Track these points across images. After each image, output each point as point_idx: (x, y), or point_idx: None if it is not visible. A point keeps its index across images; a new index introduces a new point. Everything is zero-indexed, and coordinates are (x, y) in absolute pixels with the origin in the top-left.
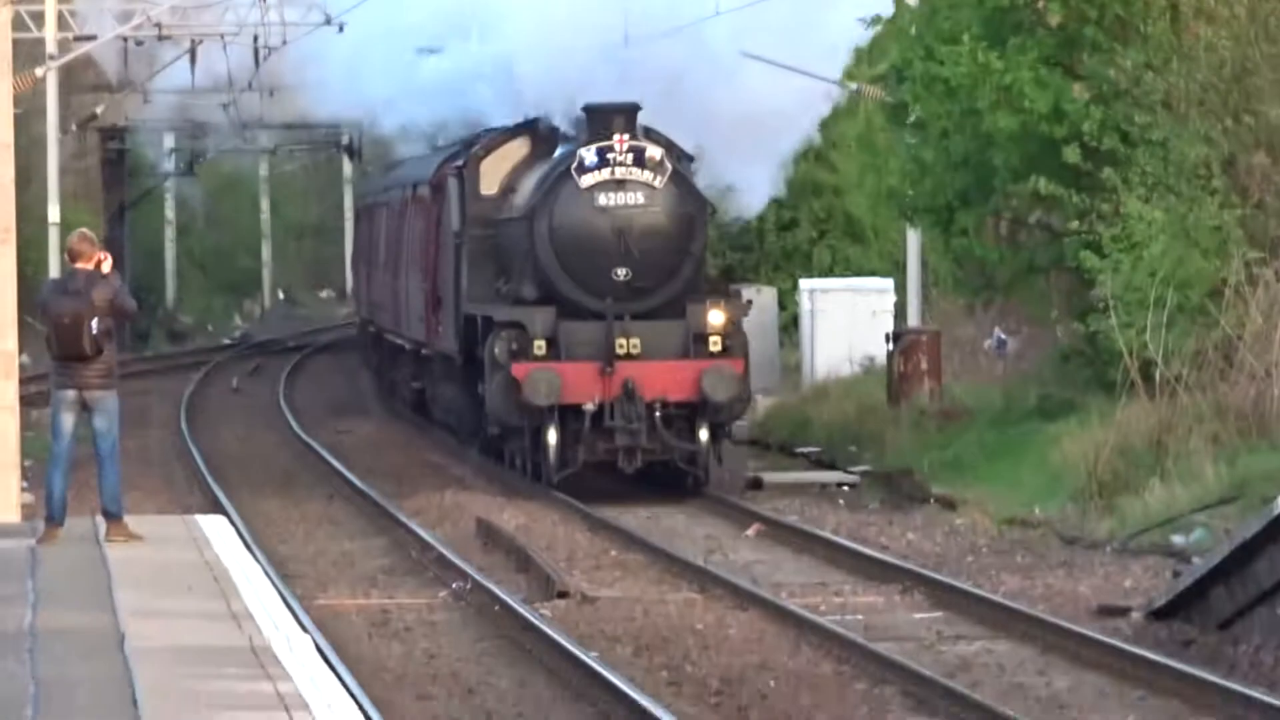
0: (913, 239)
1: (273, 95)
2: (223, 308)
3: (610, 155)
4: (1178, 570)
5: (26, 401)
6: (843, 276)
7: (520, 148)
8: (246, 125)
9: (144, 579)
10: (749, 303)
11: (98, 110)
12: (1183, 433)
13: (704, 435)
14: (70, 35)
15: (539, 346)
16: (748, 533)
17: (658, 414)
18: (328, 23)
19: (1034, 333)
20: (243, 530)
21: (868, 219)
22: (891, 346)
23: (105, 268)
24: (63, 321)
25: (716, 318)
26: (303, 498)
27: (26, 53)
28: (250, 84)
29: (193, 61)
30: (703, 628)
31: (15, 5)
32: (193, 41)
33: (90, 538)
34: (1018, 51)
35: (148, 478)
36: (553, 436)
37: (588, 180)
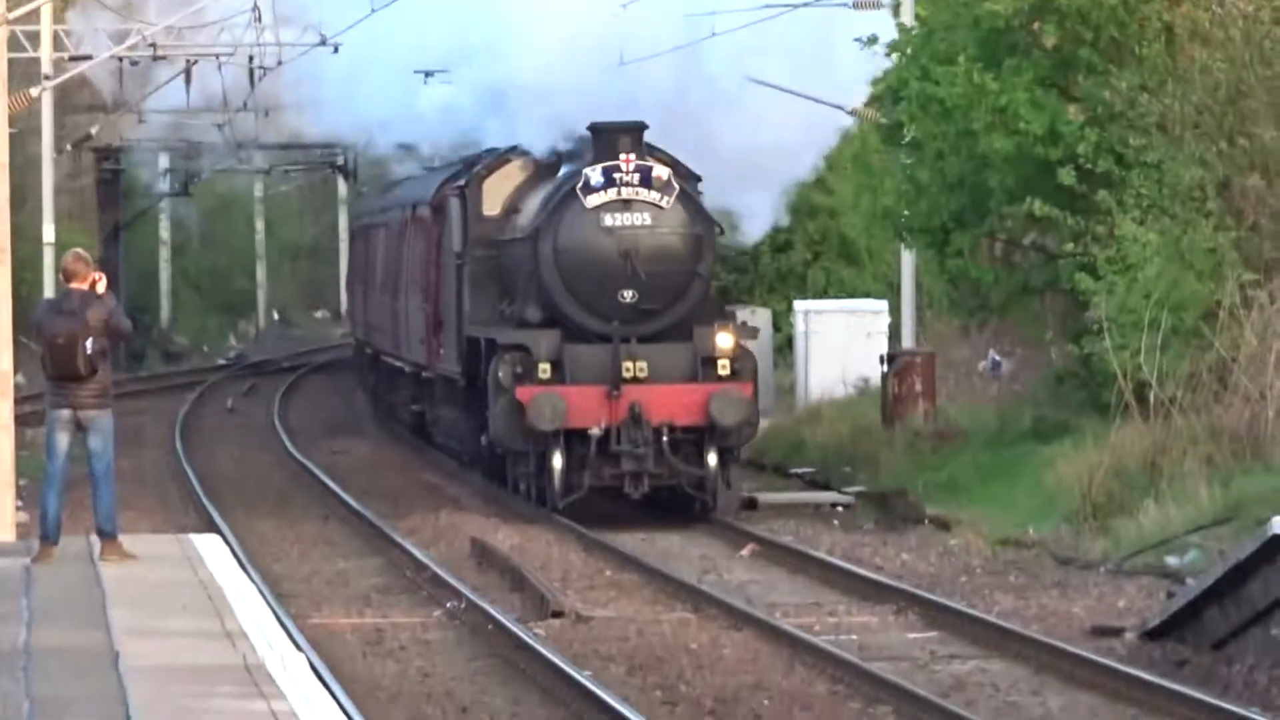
0: (907, 260)
1: (268, 115)
2: (217, 328)
3: (616, 175)
4: (1172, 591)
5: (21, 421)
6: (837, 298)
7: (523, 168)
8: (241, 145)
9: (138, 598)
10: (756, 329)
11: (93, 130)
12: (1177, 454)
13: (712, 460)
14: (65, 55)
15: (544, 370)
16: (742, 553)
17: (665, 438)
18: (323, 44)
19: (1028, 354)
20: (237, 549)
21: (862, 240)
22: (886, 368)
23: (100, 288)
24: (57, 341)
25: (725, 340)
26: (297, 518)
27: (22, 72)
28: (245, 104)
29: (188, 82)
30: (697, 647)
31: (11, 25)
32: (188, 62)
33: (85, 557)
34: (1013, 73)
35: (142, 497)
36: (558, 461)
37: (593, 200)
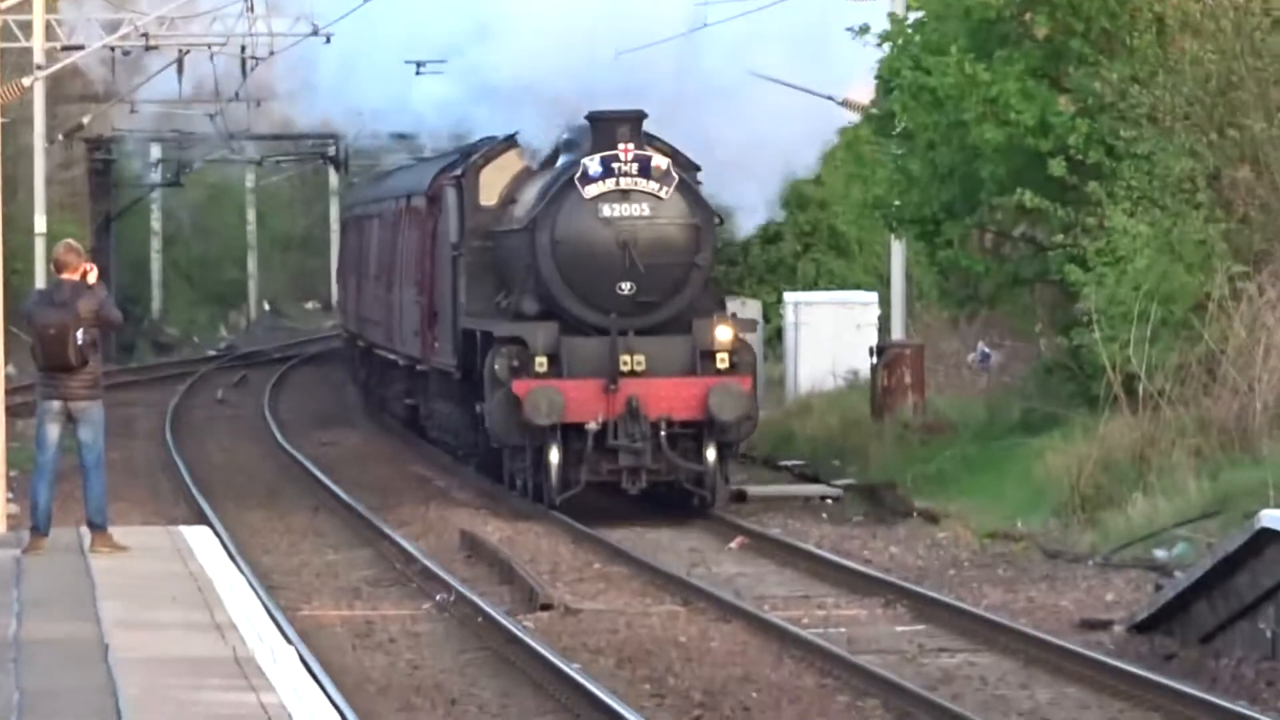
0: (897, 253)
1: (259, 106)
2: (208, 319)
3: (615, 165)
4: (1160, 584)
5: (12, 412)
6: (827, 290)
7: (520, 157)
8: (233, 136)
9: (128, 590)
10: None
11: (84, 120)
12: (1165, 447)
13: (711, 455)
14: (58, 45)
15: (540, 363)
16: (731, 545)
17: (663, 433)
18: (315, 34)
19: (1017, 347)
20: (227, 541)
21: (852, 232)
22: (875, 360)
23: (91, 279)
24: (48, 332)
25: (724, 333)
26: (287, 509)
27: (14, 62)
28: (237, 94)
29: (180, 72)
30: (686, 640)
31: (3, 14)
32: (180, 52)
33: (75, 548)
34: (1004, 63)
35: (133, 489)
36: (554, 456)
37: (592, 191)
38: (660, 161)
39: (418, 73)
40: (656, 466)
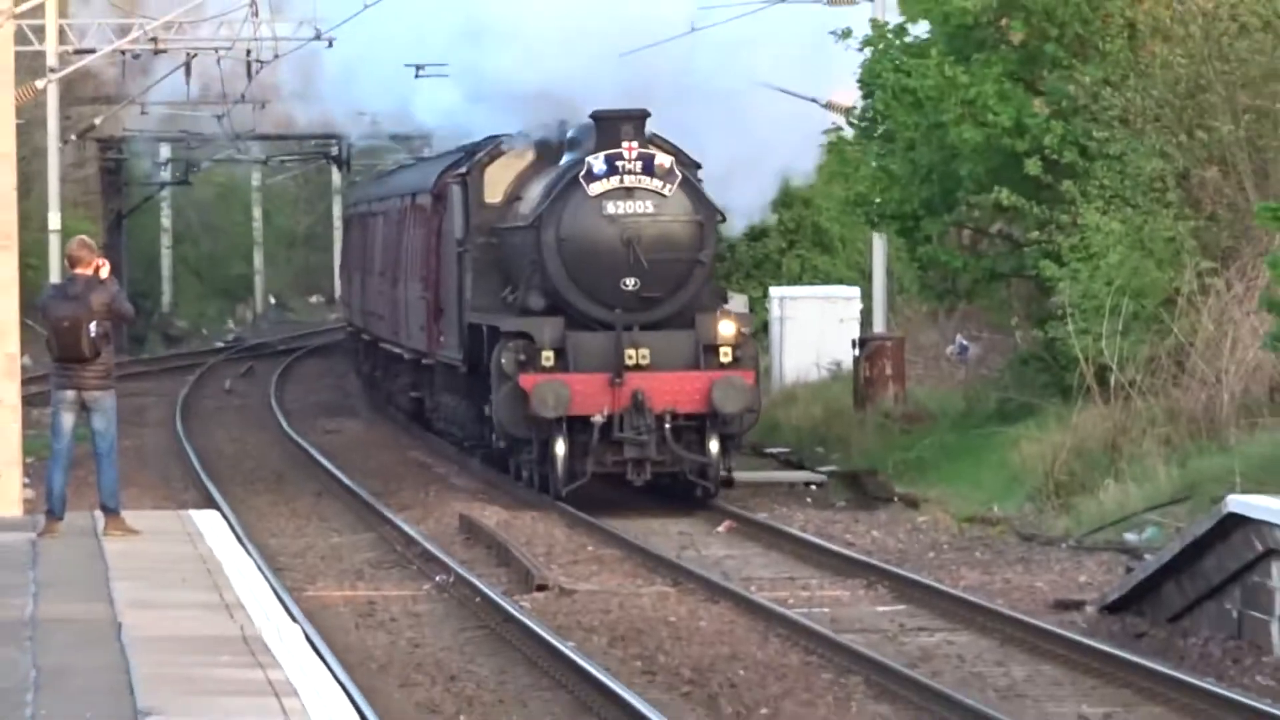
0: (879, 249)
1: (264, 107)
2: (216, 312)
3: (619, 163)
4: (1130, 566)
5: (28, 401)
6: (811, 285)
7: (525, 155)
8: (239, 136)
9: (140, 571)
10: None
11: (96, 121)
12: (1136, 435)
13: (714, 447)
14: (70, 49)
15: (547, 357)
16: (719, 529)
17: (667, 425)
18: (318, 38)
19: (994, 339)
20: (235, 525)
21: (835, 229)
22: (857, 352)
23: (103, 273)
24: (62, 325)
25: (727, 328)
26: (293, 494)
27: (28, 65)
28: (243, 96)
29: (188, 75)
30: (675, 620)
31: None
32: (188, 55)
33: (89, 532)
34: (982, 67)
35: (144, 475)
36: (561, 448)
37: (596, 188)
38: (663, 159)
39: (417, 76)
40: (661, 458)
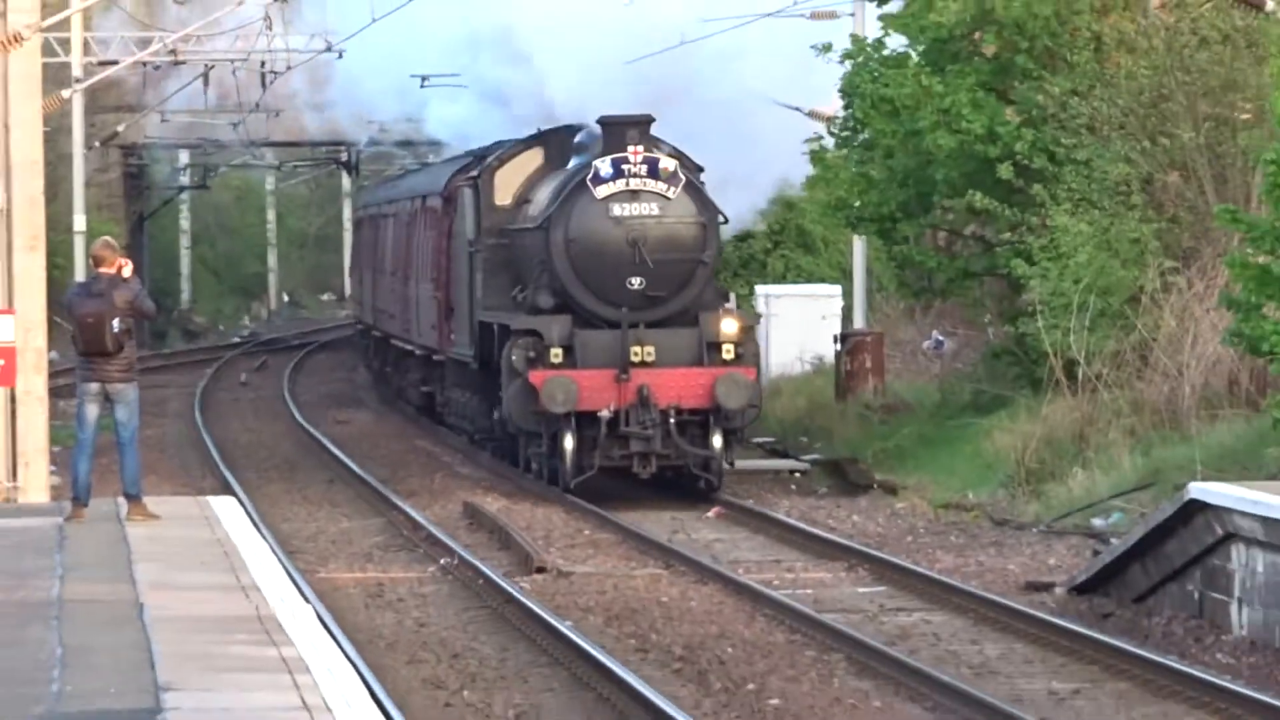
0: (859, 249)
1: (278, 115)
2: (233, 309)
3: (625, 166)
4: (1097, 550)
5: (54, 393)
6: (795, 283)
7: (534, 159)
8: (254, 143)
9: (161, 554)
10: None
11: (119, 129)
12: (1103, 426)
13: (717, 441)
14: (94, 60)
15: (556, 354)
16: (709, 515)
17: (672, 420)
18: (329, 49)
19: (968, 334)
20: (250, 510)
21: (818, 230)
22: (839, 347)
23: (126, 272)
24: (87, 321)
25: (730, 326)
26: (305, 481)
27: (54, 76)
28: (258, 105)
29: (205, 85)
30: (667, 600)
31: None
32: (206, 67)
33: (112, 517)
34: (956, 77)
35: (165, 463)
36: (569, 442)
37: (603, 191)
38: (668, 163)
39: (423, 85)
40: (666, 452)
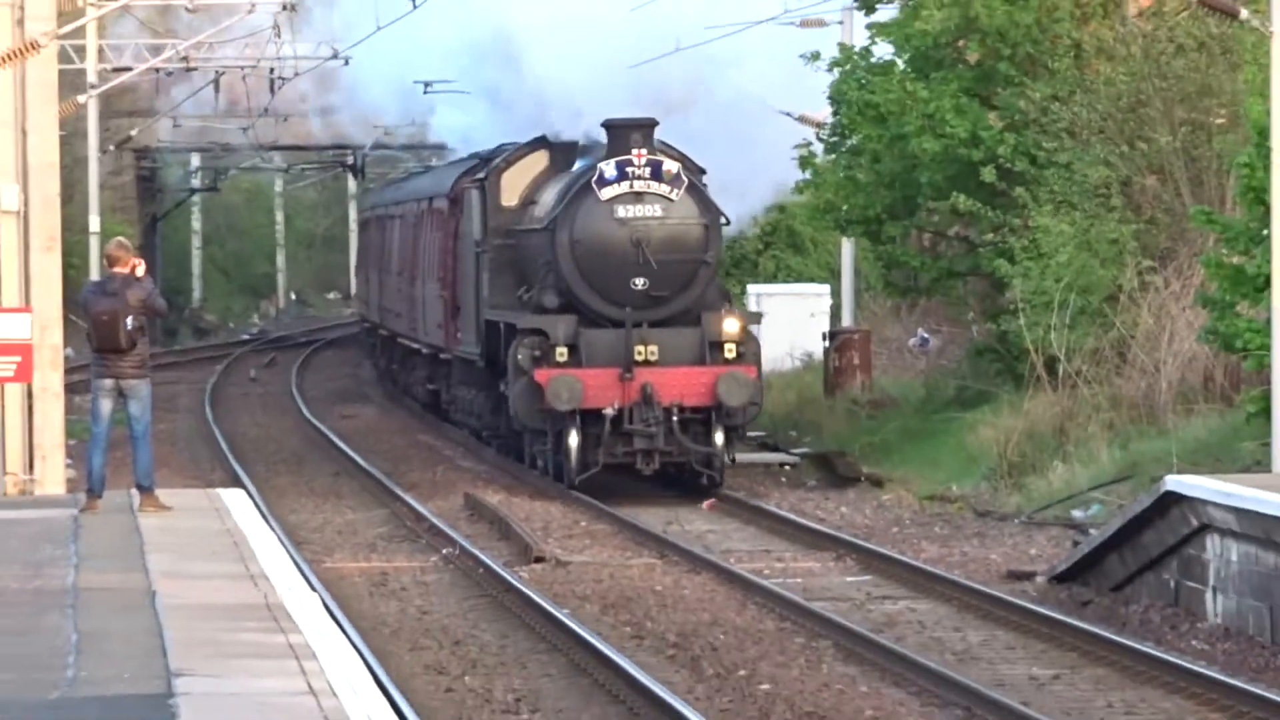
0: (847, 250)
1: (286, 120)
2: (242, 308)
3: (629, 169)
4: (1077, 540)
5: (70, 389)
6: (785, 283)
7: (539, 161)
8: (263, 147)
9: (173, 544)
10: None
11: (133, 133)
12: (1082, 420)
13: (719, 438)
14: (109, 67)
15: (561, 353)
16: (702, 506)
17: (675, 418)
18: (335, 57)
19: (953, 332)
20: (259, 502)
21: (807, 232)
22: (828, 344)
23: (139, 272)
24: (101, 319)
25: (731, 325)
26: (312, 474)
27: (70, 82)
28: (266, 110)
29: (216, 90)
30: (661, 589)
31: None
32: (216, 73)
33: (126, 508)
34: (941, 83)
35: (176, 456)
36: (574, 439)
37: (607, 193)
38: (671, 165)
39: (426, 91)
40: (669, 449)
